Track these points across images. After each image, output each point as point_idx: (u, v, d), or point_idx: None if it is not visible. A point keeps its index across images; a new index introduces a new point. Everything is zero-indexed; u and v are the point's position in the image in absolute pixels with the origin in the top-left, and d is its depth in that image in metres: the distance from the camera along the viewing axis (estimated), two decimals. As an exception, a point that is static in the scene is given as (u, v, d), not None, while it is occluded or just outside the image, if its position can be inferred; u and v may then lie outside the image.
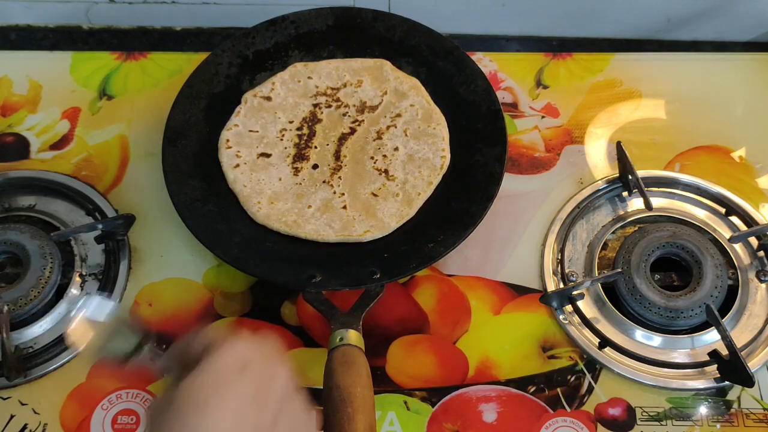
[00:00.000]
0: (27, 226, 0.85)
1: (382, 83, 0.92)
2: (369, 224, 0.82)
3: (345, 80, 0.93)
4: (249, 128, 0.89)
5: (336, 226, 0.83)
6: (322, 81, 0.93)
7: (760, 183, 0.90)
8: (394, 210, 0.83)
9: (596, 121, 0.95)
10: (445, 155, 0.86)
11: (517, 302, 0.83)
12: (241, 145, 0.88)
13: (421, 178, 0.85)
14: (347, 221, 0.83)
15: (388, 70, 0.93)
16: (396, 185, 0.85)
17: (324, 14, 0.96)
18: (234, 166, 0.87)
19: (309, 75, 0.93)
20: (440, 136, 0.88)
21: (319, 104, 0.91)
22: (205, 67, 0.92)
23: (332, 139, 0.89)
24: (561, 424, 0.76)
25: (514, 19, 1.05)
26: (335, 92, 0.92)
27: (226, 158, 0.87)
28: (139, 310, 0.82)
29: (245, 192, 0.85)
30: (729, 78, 0.99)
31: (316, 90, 0.92)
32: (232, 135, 0.89)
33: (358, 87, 0.92)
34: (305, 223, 0.83)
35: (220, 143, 0.88)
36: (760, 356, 0.79)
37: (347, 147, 0.88)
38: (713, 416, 0.76)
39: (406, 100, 0.91)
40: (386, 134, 0.88)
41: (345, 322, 0.74)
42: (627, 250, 0.83)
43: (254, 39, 0.95)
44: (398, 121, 0.89)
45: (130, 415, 0.76)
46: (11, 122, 0.95)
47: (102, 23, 1.07)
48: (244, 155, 0.87)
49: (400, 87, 0.92)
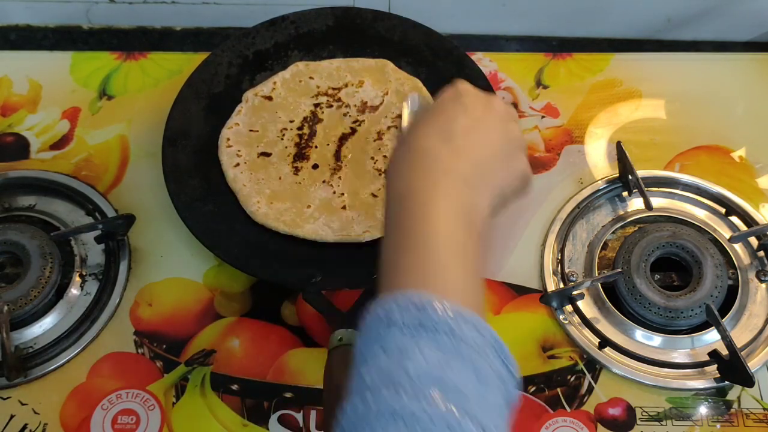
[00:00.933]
0: (27, 226, 0.85)
1: (384, 84, 0.92)
2: (368, 224, 0.82)
3: (346, 80, 0.93)
4: (250, 127, 0.89)
5: (335, 226, 0.83)
6: (323, 81, 0.93)
7: (760, 183, 0.90)
8: None
9: (596, 121, 0.95)
10: None
11: (517, 302, 0.83)
12: (241, 144, 0.88)
13: None
14: (346, 221, 0.83)
15: (389, 71, 0.93)
16: None
17: (324, 14, 0.96)
18: (234, 165, 0.87)
19: (310, 75, 0.93)
20: None
21: (320, 104, 0.91)
22: (205, 67, 0.92)
23: (333, 139, 0.89)
24: (561, 424, 0.76)
25: (514, 19, 1.05)
26: (336, 92, 0.92)
27: (226, 157, 0.87)
28: (139, 310, 0.82)
29: (245, 191, 0.85)
30: (729, 78, 0.99)
31: (317, 90, 0.92)
32: (233, 134, 0.89)
33: (359, 87, 0.92)
34: (304, 222, 0.83)
35: (221, 142, 0.88)
36: (760, 356, 0.79)
37: (348, 147, 0.88)
38: (713, 416, 0.76)
39: None
40: (387, 135, 0.88)
41: (345, 321, 0.74)
42: (627, 250, 0.83)
43: (254, 39, 0.95)
44: (399, 122, 0.89)
45: (130, 415, 0.76)
46: (11, 122, 0.95)
47: (102, 23, 1.07)
48: (244, 154, 0.87)
49: (402, 88, 0.92)
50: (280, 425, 0.76)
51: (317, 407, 0.77)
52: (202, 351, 0.80)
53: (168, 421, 0.76)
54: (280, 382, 0.78)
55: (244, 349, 0.80)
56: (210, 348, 0.80)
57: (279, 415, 0.76)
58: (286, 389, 0.78)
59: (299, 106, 0.91)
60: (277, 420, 0.76)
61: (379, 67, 0.94)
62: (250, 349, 0.80)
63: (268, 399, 0.77)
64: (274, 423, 0.76)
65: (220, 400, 0.77)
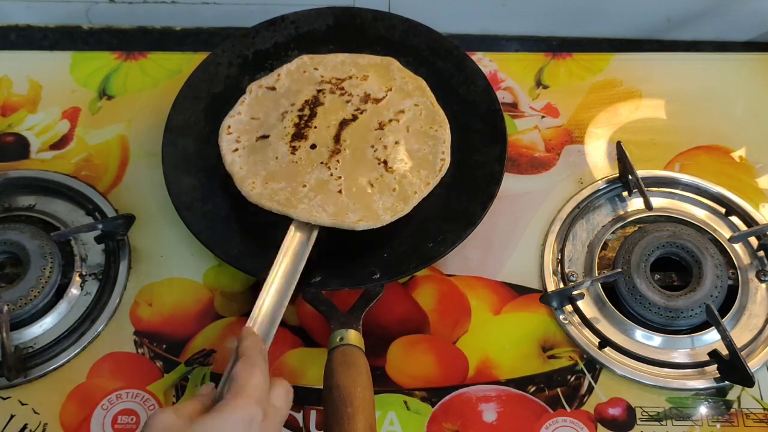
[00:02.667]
0: (27, 226, 0.85)
1: (388, 80, 0.91)
2: (363, 214, 0.81)
3: (351, 73, 0.92)
4: (251, 116, 0.89)
5: (330, 210, 0.81)
6: (328, 72, 0.92)
7: (760, 183, 0.90)
8: (389, 204, 0.82)
9: (596, 121, 0.95)
10: (444, 158, 0.85)
11: (517, 302, 0.83)
12: (241, 132, 0.87)
13: (419, 177, 0.84)
14: (341, 206, 0.81)
15: (394, 69, 0.92)
16: (394, 179, 0.83)
17: (324, 14, 0.96)
18: (233, 150, 0.85)
19: (315, 66, 0.93)
20: (442, 139, 0.87)
21: (323, 90, 0.90)
22: (205, 68, 0.92)
23: (333, 122, 0.87)
24: (561, 424, 0.76)
25: (514, 19, 1.05)
26: (340, 82, 0.91)
27: (225, 143, 0.86)
28: (138, 310, 0.82)
29: (241, 173, 0.83)
30: (729, 78, 0.99)
31: (321, 78, 0.92)
32: (234, 122, 0.88)
33: (363, 81, 0.91)
34: (298, 202, 0.81)
35: (222, 129, 0.87)
36: (760, 356, 0.79)
37: (348, 132, 0.86)
38: (713, 416, 0.76)
39: (411, 99, 0.90)
40: (388, 126, 0.87)
41: (345, 321, 0.74)
42: (627, 250, 0.83)
43: (254, 39, 0.95)
44: (401, 117, 0.88)
45: (130, 415, 0.76)
46: (11, 122, 0.96)
47: (102, 23, 1.07)
48: (243, 140, 0.86)
49: (406, 86, 0.91)
50: (280, 425, 0.76)
51: (317, 407, 0.77)
52: (202, 351, 0.80)
53: (168, 421, 0.76)
54: (280, 382, 0.78)
55: (244, 349, 0.80)
56: (210, 348, 0.80)
57: (279, 415, 0.76)
58: (286, 389, 0.78)
59: (302, 92, 0.90)
60: (277, 420, 0.76)
61: (384, 64, 0.93)
62: (250, 349, 0.80)
63: (268, 399, 0.77)
64: (274, 423, 0.76)
65: (220, 400, 0.77)
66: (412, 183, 0.83)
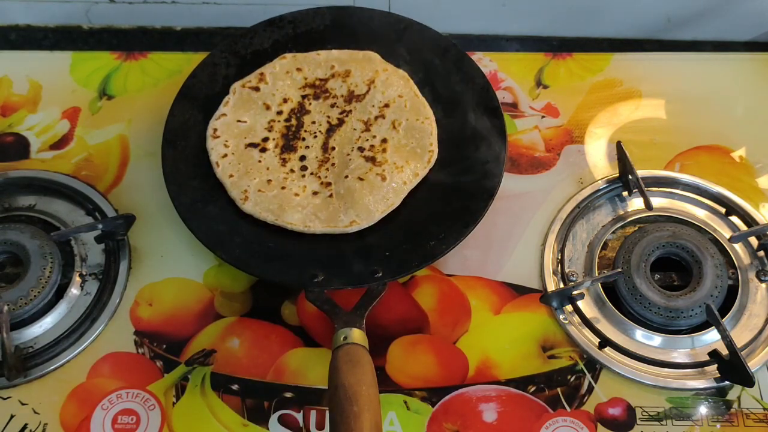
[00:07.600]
0: (27, 226, 0.85)
1: (370, 74, 0.92)
2: (354, 213, 0.82)
3: (333, 71, 0.93)
4: (237, 118, 0.89)
5: (322, 216, 0.82)
6: (311, 71, 0.93)
7: (760, 183, 0.90)
8: (379, 197, 0.83)
9: (596, 121, 0.95)
10: (432, 150, 0.86)
11: (517, 302, 0.83)
12: (229, 135, 0.88)
13: (408, 168, 0.85)
14: (333, 211, 0.82)
15: (376, 62, 0.93)
16: (383, 174, 0.84)
17: (322, 14, 0.96)
18: (222, 156, 0.86)
19: (298, 66, 0.93)
20: (428, 131, 0.88)
21: (307, 95, 0.91)
22: (204, 68, 0.92)
23: (320, 130, 0.89)
24: (561, 424, 0.76)
25: (514, 19, 1.05)
26: (323, 83, 0.92)
27: (213, 147, 0.87)
28: (139, 310, 0.82)
29: (232, 181, 0.85)
30: (729, 78, 0.99)
31: (304, 81, 0.92)
32: (220, 124, 0.88)
33: (346, 77, 0.92)
34: (293, 211, 0.82)
35: (208, 132, 0.88)
36: (760, 356, 0.79)
37: (335, 140, 0.88)
38: (713, 416, 0.76)
39: (394, 91, 0.90)
40: (374, 125, 0.88)
41: (348, 320, 0.74)
42: (627, 250, 0.83)
43: (252, 39, 0.95)
44: (386, 112, 0.89)
45: (130, 415, 0.76)
46: (11, 122, 0.95)
47: (102, 23, 1.07)
48: (231, 145, 0.87)
49: (388, 78, 0.91)
50: (280, 425, 0.76)
51: (317, 407, 0.77)
52: (202, 351, 0.80)
53: (168, 421, 0.76)
54: (280, 382, 0.78)
55: (245, 349, 0.80)
56: (210, 348, 0.80)
57: (279, 415, 0.76)
58: (287, 389, 0.78)
59: (287, 98, 0.91)
60: (277, 420, 0.76)
61: (366, 58, 0.93)
62: (251, 349, 0.80)
63: (269, 399, 0.77)
64: (274, 423, 0.76)
65: (220, 400, 0.77)
66: (402, 176, 0.84)
